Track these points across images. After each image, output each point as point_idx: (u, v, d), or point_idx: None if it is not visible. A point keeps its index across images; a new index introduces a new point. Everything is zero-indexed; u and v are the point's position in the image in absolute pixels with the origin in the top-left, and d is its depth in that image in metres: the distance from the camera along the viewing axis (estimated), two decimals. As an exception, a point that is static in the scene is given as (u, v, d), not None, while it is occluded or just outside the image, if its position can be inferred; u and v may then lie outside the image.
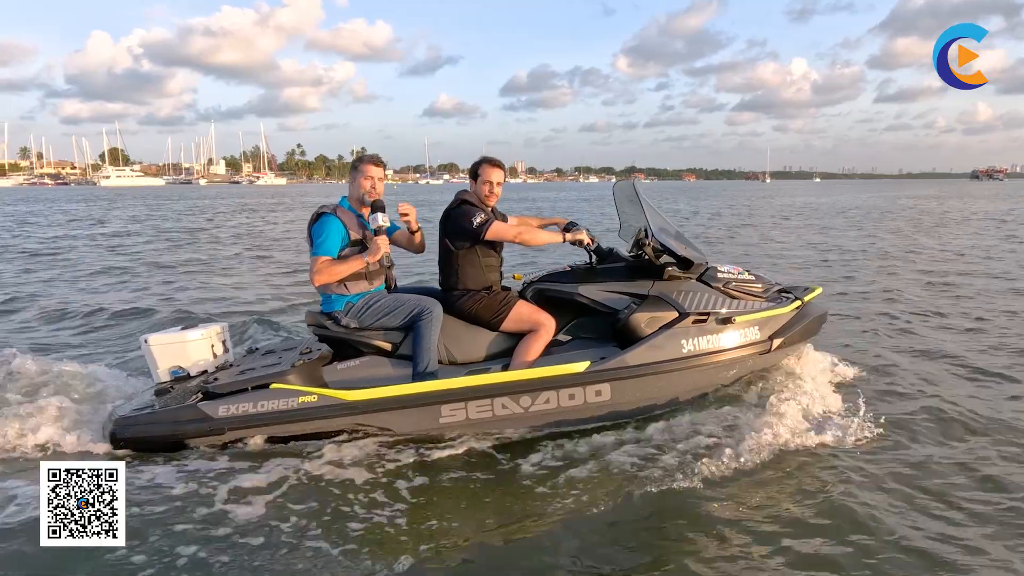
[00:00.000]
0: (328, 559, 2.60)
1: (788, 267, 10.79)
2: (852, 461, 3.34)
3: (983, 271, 10.03)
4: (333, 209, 3.69)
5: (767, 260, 11.76)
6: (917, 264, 10.88)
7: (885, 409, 3.96)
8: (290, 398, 3.46)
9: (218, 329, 3.99)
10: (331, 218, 3.64)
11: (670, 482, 3.06)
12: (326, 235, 3.62)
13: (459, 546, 2.70)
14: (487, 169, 3.91)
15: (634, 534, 2.76)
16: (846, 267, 10.70)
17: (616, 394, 3.67)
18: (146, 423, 3.44)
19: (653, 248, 3.87)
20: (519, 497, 3.06)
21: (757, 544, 2.68)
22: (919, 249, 13.21)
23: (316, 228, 3.66)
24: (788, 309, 3.99)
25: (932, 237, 15.94)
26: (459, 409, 3.59)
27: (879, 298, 7.79)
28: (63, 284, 9.54)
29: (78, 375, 4.37)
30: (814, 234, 17.33)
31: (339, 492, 3.08)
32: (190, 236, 17.69)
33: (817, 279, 9.07)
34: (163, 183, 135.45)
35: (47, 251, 13.91)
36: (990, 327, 6.23)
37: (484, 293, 3.84)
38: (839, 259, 11.75)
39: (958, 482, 3.18)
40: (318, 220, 3.67)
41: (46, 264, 11.81)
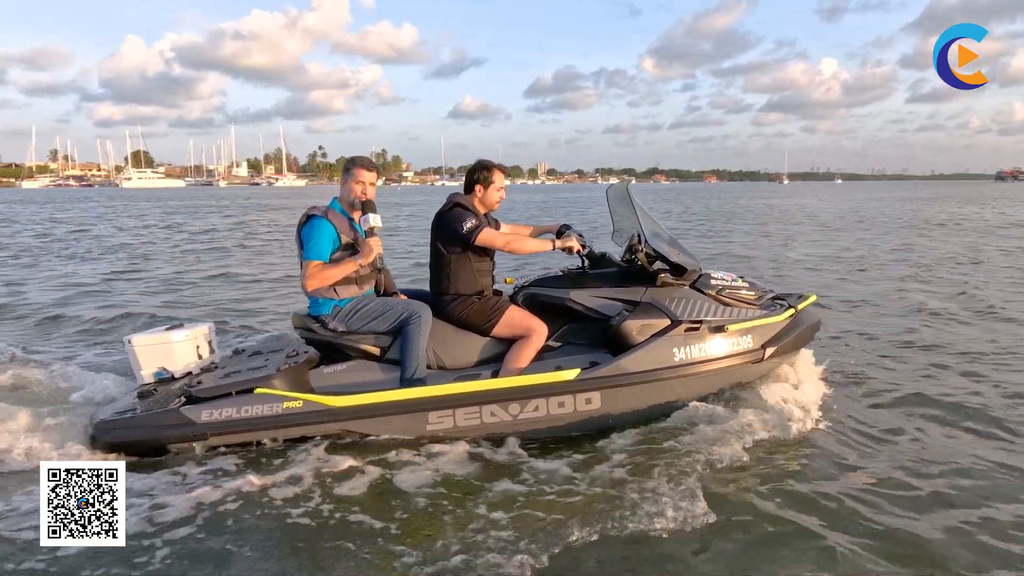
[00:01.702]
0: (328, 559, 2.61)
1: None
2: (849, 469, 3.31)
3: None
4: (323, 212, 3.64)
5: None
6: (839, 274, 10.22)
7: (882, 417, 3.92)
8: (275, 403, 3.42)
9: (204, 329, 3.95)
10: (321, 221, 3.59)
11: (658, 492, 3.00)
12: (316, 238, 3.56)
13: (454, 548, 2.67)
14: (499, 175, 3.87)
15: (621, 545, 2.71)
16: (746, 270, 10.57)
17: (607, 402, 3.62)
18: (127, 427, 3.39)
19: (646, 254, 3.82)
20: (500, 504, 3.01)
21: (748, 547, 2.67)
22: (839, 253, 12.93)
23: (306, 231, 3.61)
24: (782, 317, 3.92)
25: (886, 240, 15.65)
26: (447, 416, 3.55)
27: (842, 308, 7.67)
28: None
29: (59, 375, 4.43)
30: (742, 236, 17.24)
31: (339, 493, 3.07)
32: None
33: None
34: (183, 184, 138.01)
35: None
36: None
37: (475, 298, 3.80)
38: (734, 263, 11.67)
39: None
40: (307, 223, 3.63)
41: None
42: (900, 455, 3.49)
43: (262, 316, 7.22)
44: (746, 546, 2.67)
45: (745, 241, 15.92)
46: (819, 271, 10.53)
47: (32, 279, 10.17)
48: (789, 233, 18.06)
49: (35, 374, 4.56)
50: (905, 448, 3.59)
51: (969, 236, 16.42)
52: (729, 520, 2.83)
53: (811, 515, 2.88)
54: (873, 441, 3.66)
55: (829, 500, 3.00)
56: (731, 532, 2.76)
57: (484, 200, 3.89)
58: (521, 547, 2.63)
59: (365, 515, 2.89)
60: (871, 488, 3.12)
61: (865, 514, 2.89)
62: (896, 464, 3.38)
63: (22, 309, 7.68)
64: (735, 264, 11.26)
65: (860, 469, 3.31)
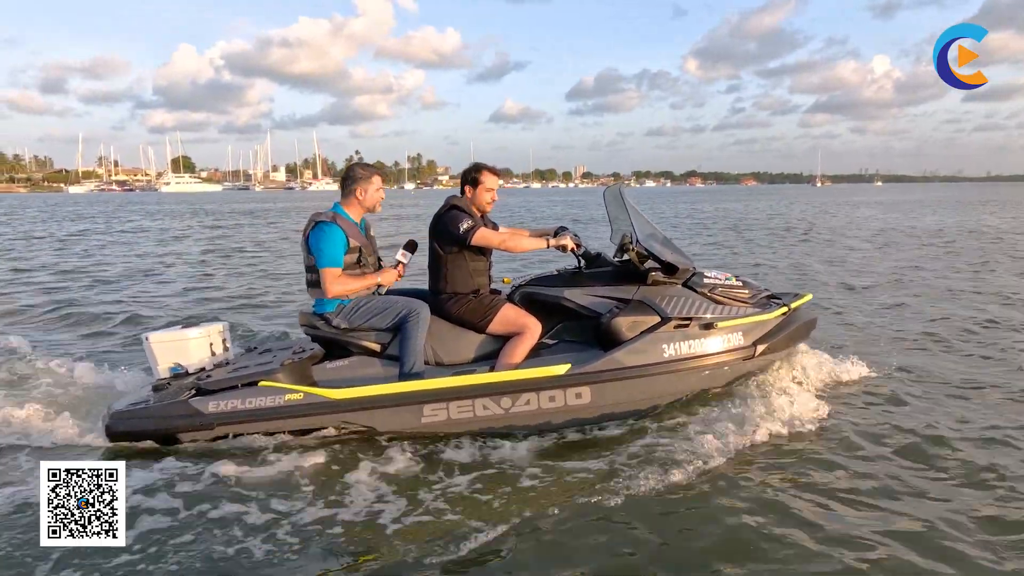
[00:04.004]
0: (328, 558, 2.65)
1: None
2: (839, 465, 3.32)
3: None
4: (332, 217, 3.78)
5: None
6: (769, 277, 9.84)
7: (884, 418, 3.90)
8: (277, 395, 3.59)
9: (219, 328, 4.10)
10: (333, 227, 3.74)
11: (644, 486, 3.06)
12: (331, 245, 3.72)
13: (456, 543, 2.71)
14: (489, 176, 3.99)
15: (608, 536, 2.76)
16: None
17: (596, 397, 3.70)
18: (140, 417, 3.60)
19: (637, 253, 3.89)
20: (491, 499, 3.08)
21: (740, 543, 2.68)
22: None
23: (316, 237, 3.75)
24: (774, 315, 3.96)
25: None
26: (441, 409, 3.66)
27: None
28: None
29: (84, 372, 4.66)
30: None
31: (340, 491, 3.14)
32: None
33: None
34: (220, 188, 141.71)
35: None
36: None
37: (471, 296, 3.91)
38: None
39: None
40: (316, 228, 3.77)
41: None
42: (904, 458, 3.44)
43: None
44: (728, 544, 2.68)
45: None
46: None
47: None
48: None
49: (61, 368, 4.83)
50: (910, 450, 3.52)
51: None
52: (713, 517, 2.84)
53: (799, 514, 2.87)
54: (873, 441, 3.61)
55: (818, 500, 3.00)
56: (715, 530, 2.77)
57: (475, 201, 4.00)
58: (492, 539, 2.71)
59: (372, 511, 2.96)
60: (868, 490, 3.09)
61: (861, 516, 2.87)
62: (899, 467, 3.33)
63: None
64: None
65: (857, 471, 3.28)
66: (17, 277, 10.82)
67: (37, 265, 12.48)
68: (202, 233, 21.06)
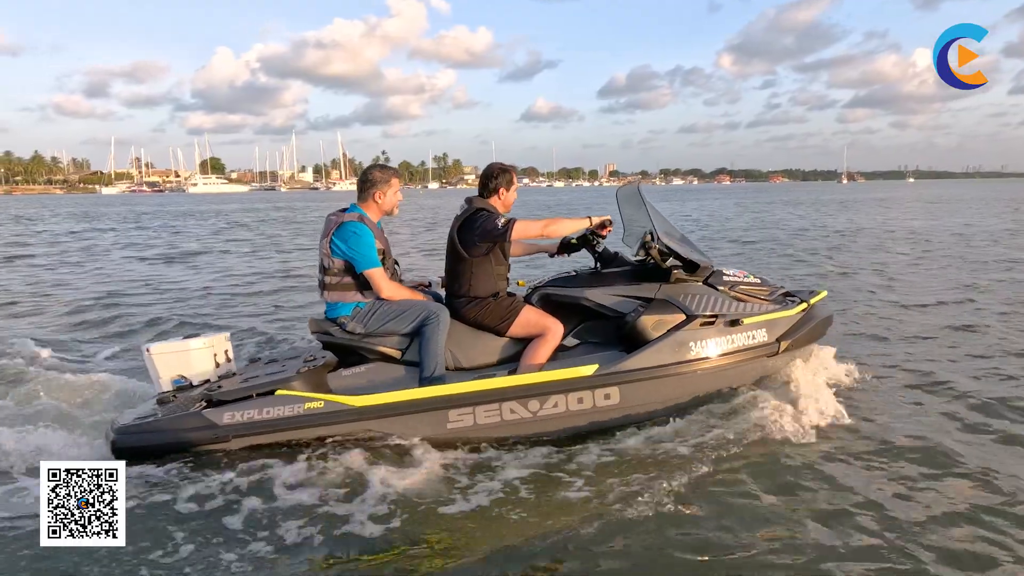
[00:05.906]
0: (329, 560, 2.62)
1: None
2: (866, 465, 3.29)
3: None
4: (358, 218, 3.70)
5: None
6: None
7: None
8: (296, 404, 3.45)
9: (222, 338, 3.95)
10: (364, 228, 3.66)
11: (678, 486, 3.04)
12: (367, 246, 3.64)
13: (463, 549, 2.69)
14: (514, 176, 3.95)
15: (637, 537, 2.72)
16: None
17: (625, 397, 3.63)
18: (149, 431, 3.40)
19: (659, 251, 3.82)
20: (518, 503, 3.03)
21: (772, 543, 2.66)
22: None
23: (349, 238, 3.63)
24: (795, 311, 3.90)
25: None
26: (467, 414, 3.56)
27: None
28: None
29: (84, 384, 4.52)
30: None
31: (343, 494, 3.06)
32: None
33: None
34: (247, 189, 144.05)
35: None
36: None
37: (491, 299, 3.83)
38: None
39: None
40: (344, 229, 3.65)
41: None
42: (919, 457, 3.41)
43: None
44: (748, 544, 2.65)
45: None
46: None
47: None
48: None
49: (61, 378, 4.68)
50: (924, 449, 3.49)
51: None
52: (736, 520, 2.82)
53: (818, 514, 2.86)
54: (890, 438, 3.59)
55: (838, 500, 2.97)
56: (737, 530, 2.75)
57: (504, 201, 3.94)
58: (518, 544, 2.68)
59: (376, 516, 2.89)
60: (887, 491, 3.06)
61: (879, 516, 2.84)
62: (914, 468, 3.30)
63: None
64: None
65: (878, 470, 3.25)
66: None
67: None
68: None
